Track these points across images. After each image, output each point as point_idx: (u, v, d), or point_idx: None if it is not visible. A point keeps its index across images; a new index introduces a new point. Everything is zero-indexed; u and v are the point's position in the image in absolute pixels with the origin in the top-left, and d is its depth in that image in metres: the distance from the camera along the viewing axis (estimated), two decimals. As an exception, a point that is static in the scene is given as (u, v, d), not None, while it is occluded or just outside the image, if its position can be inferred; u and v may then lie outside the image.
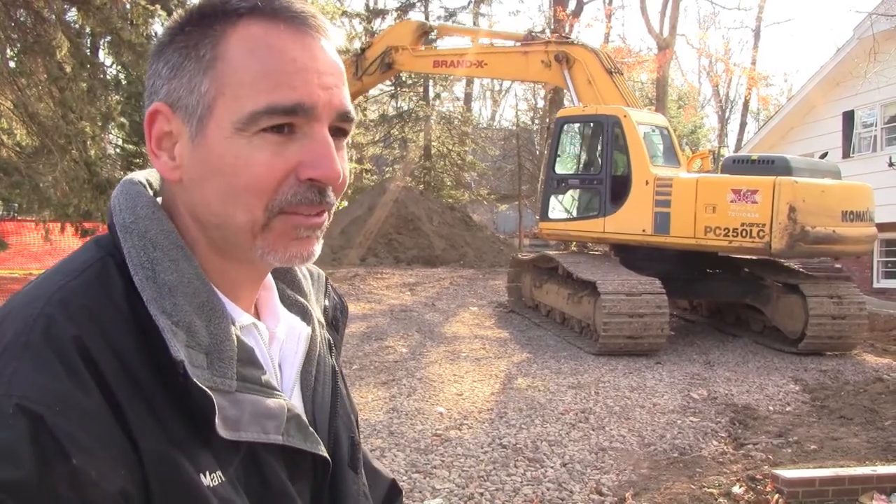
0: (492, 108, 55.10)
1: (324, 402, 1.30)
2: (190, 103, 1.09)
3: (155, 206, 1.13)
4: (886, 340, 13.33)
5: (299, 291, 1.37)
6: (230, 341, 1.08)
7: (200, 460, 1.02)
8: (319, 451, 1.19)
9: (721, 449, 7.41)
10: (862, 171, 19.19)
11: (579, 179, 14.10)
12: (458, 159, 35.15)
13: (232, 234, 1.12)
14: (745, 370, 10.66)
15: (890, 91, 19.22)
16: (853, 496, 5.83)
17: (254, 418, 1.08)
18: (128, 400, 0.98)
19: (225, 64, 1.08)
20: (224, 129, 1.08)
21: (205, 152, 1.09)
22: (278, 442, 1.12)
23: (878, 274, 20.91)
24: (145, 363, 1.02)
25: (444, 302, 16.29)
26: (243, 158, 1.07)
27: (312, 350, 1.30)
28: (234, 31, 1.09)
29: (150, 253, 1.08)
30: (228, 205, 1.10)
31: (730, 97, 50.22)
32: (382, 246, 23.54)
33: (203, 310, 1.08)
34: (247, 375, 1.09)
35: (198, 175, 1.11)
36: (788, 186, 11.01)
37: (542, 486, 6.28)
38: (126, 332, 1.02)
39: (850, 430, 7.85)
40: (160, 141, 1.13)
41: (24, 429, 0.90)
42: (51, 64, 13.40)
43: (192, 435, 1.03)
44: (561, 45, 15.03)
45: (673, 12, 33.23)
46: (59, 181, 13.54)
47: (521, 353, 11.51)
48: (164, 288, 1.06)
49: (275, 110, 1.07)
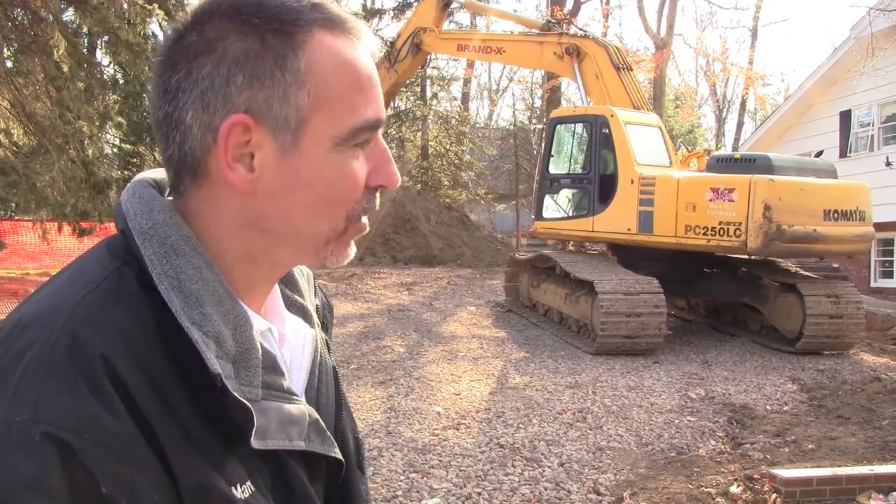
0: (489, 108, 55.20)
1: (328, 404, 1.29)
2: (282, 116, 1.06)
3: (171, 210, 1.09)
4: (884, 340, 13.35)
5: (297, 292, 1.35)
6: (256, 349, 1.07)
7: (233, 473, 1.01)
8: (335, 454, 1.20)
9: (719, 448, 7.41)
10: (859, 170, 19.19)
11: (570, 179, 14.23)
12: (456, 159, 35.14)
13: (305, 242, 1.13)
14: (743, 370, 10.67)
15: (887, 90, 19.24)
16: (851, 496, 5.84)
17: (279, 425, 1.08)
18: (159, 420, 0.95)
19: (320, 77, 1.07)
20: (322, 143, 1.07)
21: (297, 165, 1.08)
22: (301, 448, 1.12)
23: (875, 273, 20.92)
24: (175, 378, 0.99)
25: (441, 301, 16.29)
26: (339, 172, 1.09)
27: (315, 351, 1.30)
28: (312, 44, 1.07)
29: (173, 260, 1.04)
30: (316, 216, 1.10)
31: (727, 97, 50.37)
32: (380, 245, 23.54)
33: (229, 318, 1.05)
34: (270, 383, 1.08)
35: (281, 187, 1.09)
36: (764, 185, 10.99)
37: (539, 486, 6.28)
38: (153, 347, 0.99)
39: (848, 429, 7.86)
40: (238, 153, 1.07)
41: (54, 457, 0.86)
42: (48, 63, 13.40)
43: (224, 448, 1.01)
44: (573, 38, 15.11)
45: (670, 12, 33.28)
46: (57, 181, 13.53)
47: (519, 353, 11.51)
48: (192, 297, 1.02)
49: (370, 126, 1.10)
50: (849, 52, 20.21)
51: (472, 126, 41.36)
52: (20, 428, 0.87)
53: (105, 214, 14.83)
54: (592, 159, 13.45)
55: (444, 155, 34.83)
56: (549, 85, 34.03)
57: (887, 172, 19.59)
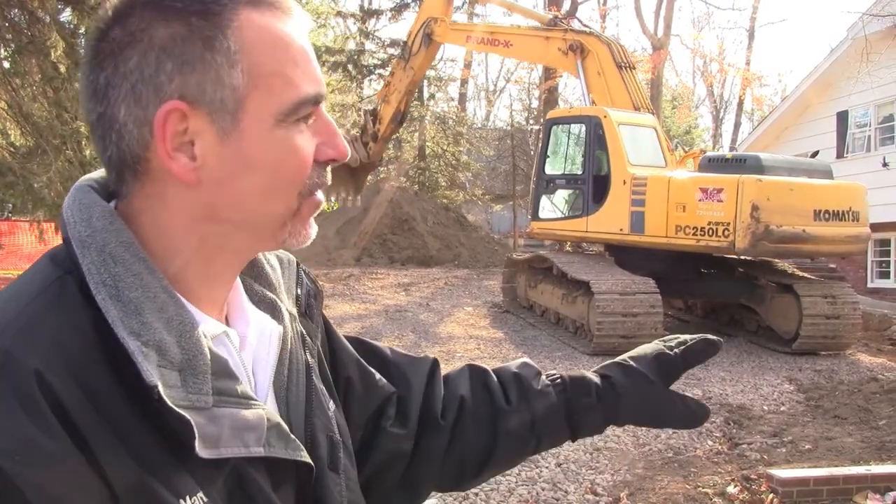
0: (486, 109, 55.11)
1: (298, 402, 1.23)
2: (218, 98, 1.03)
3: (112, 216, 1.05)
4: (880, 340, 13.36)
5: (267, 285, 1.29)
6: (203, 355, 1.01)
7: (179, 484, 0.96)
8: (301, 458, 1.14)
9: (716, 449, 7.42)
10: (856, 171, 19.22)
11: (566, 179, 14.28)
12: (453, 160, 35.13)
13: (261, 226, 1.10)
14: (740, 370, 10.68)
15: (884, 91, 19.29)
16: (847, 496, 5.85)
17: (233, 432, 1.02)
18: (97, 436, 0.91)
19: (253, 55, 1.04)
20: (263, 122, 1.05)
21: (240, 148, 1.05)
22: (260, 454, 1.06)
23: (872, 274, 20.96)
24: (115, 390, 0.95)
25: (438, 302, 16.28)
26: (286, 149, 1.06)
27: (284, 349, 1.24)
28: (241, 22, 1.04)
29: (111, 269, 1.00)
30: (268, 197, 1.07)
31: (724, 97, 50.34)
32: (377, 246, 23.53)
33: (172, 324, 1.01)
34: (223, 388, 1.03)
35: (228, 172, 1.05)
36: (752, 185, 10.99)
37: (536, 486, 6.29)
38: (93, 359, 0.95)
39: (845, 429, 7.87)
40: (176, 141, 1.03)
41: None
42: (45, 64, 13.37)
43: (171, 459, 0.97)
44: (578, 34, 15.09)
45: (667, 13, 33.31)
46: (54, 181, 13.50)
47: (516, 354, 11.50)
48: (130, 306, 0.98)
49: (311, 100, 1.07)
50: (845, 53, 20.25)
51: (470, 127, 41.35)
52: None
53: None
54: (587, 160, 13.47)
55: (441, 156, 34.82)
56: (546, 86, 34.04)
57: (884, 173, 19.62)
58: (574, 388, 1.60)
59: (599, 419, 1.59)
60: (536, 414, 1.56)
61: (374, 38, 35.44)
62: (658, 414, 1.61)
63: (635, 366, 1.63)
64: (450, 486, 1.64)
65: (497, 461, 1.58)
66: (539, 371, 1.65)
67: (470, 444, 1.55)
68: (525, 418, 1.55)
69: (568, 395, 1.59)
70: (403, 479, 1.51)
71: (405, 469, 1.50)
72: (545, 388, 1.60)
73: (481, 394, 1.59)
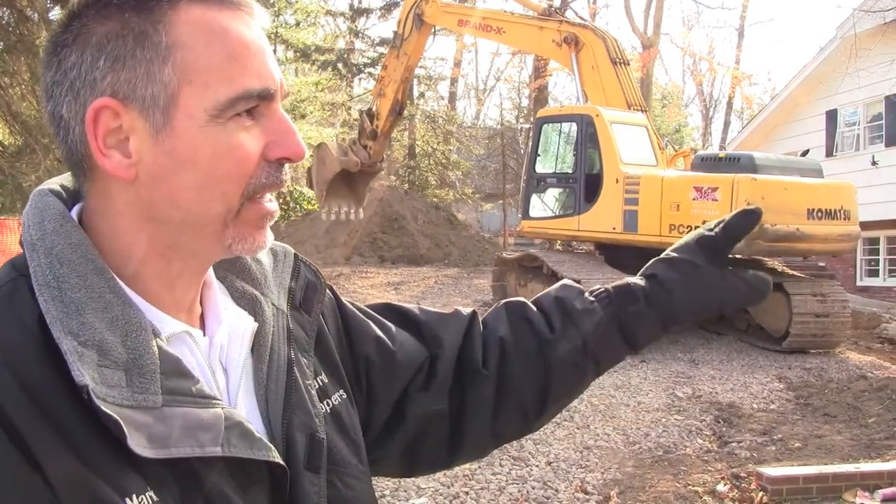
0: (476, 108, 55.08)
1: (276, 400, 1.20)
2: (149, 94, 1.02)
3: (64, 219, 1.05)
4: (870, 338, 13.41)
5: (249, 280, 1.27)
6: (150, 354, 1.00)
7: (124, 483, 0.94)
8: (270, 458, 1.10)
9: (706, 447, 7.43)
10: (845, 169, 19.28)
11: (557, 178, 14.26)
12: (443, 158, 35.15)
13: (201, 226, 1.07)
14: (730, 368, 10.70)
15: (872, 90, 19.33)
16: (837, 493, 5.86)
17: (185, 432, 1.00)
18: (36, 433, 0.90)
19: (185, 50, 1.03)
20: (196, 117, 1.03)
21: (173, 144, 1.03)
22: (217, 454, 1.03)
23: (861, 272, 21.03)
24: (57, 389, 0.94)
25: (429, 301, 16.27)
26: (222, 146, 1.04)
27: (263, 346, 1.21)
28: (179, 16, 1.04)
29: (56, 270, 1.00)
30: (204, 196, 1.05)
31: (714, 96, 50.39)
32: (367, 245, 23.51)
33: (117, 324, 1.00)
34: (174, 388, 1.01)
35: (162, 170, 1.04)
36: (747, 183, 11.06)
37: (527, 485, 6.29)
38: (34, 357, 0.95)
39: (834, 427, 7.89)
40: (107, 139, 1.03)
41: None
42: (34, 63, 13.34)
43: (116, 458, 0.95)
44: (573, 26, 14.96)
45: (657, 11, 33.38)
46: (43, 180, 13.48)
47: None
48: (72, 306, 0.98)
49: (250, 95, 1.04)
50: (834, 51, 20.31)
51: (460, 125, 41.36)
52: None
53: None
54: (579, 158, 13.49)
55: (431, 154, 34.84)
56: (535, 84, 34.08)
57: (873, 171, 19.69)
58: (620, 298, 1.52)
59: (655, 323, 1.52)
60: (587, 334, 1.50)
61: (364, 36, 35.47)
62: (715, 298, 1.51)
63: (678, 256, 1.55)
64: (518, 430, 1.59)
65: (557, 394, 1.54)
66: (581, 290, 1.57)
67: (522, 385, 1.50)
68: (575, 342, 1.50)
69: (615, 306, 1.52)
70: (452, 435, 1.49)
71: (452, 426, 1.48)
72: (590, 306, 1.52)
73: (522, 328, 1.54)
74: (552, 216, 14.13)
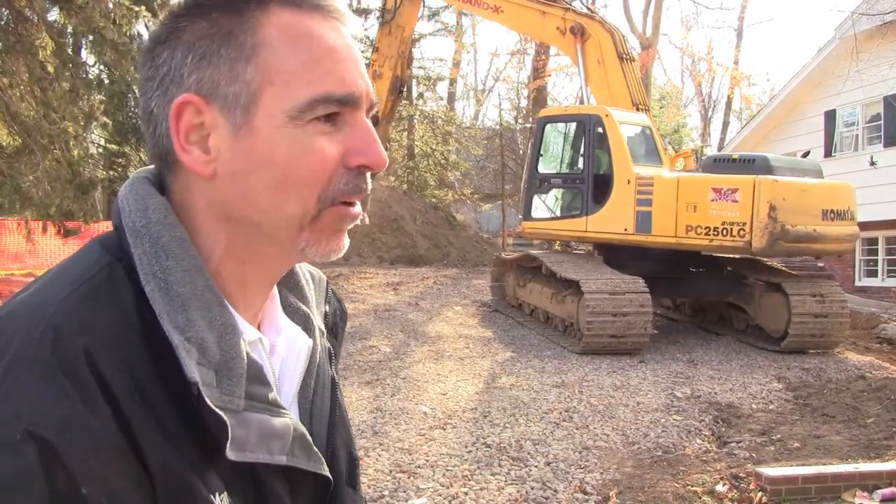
0: (475, 108, 55.06)
1: (322, 415, 1.25)
2: (231, 92, 1.05)
3: (167, 210, 1.07)
4: (868, 338, 13.41)
5: (301, 298, 1.31)
6: (241, 358, 1.03)
7: (212, 481, 0.99)
8: (322, 471, 1.15)
9: (705, 447, 7.43)
10: (844, 170, 19.28)
11: (562, 179, 14.06)
12: (442, 159, 35.12)
13: (276, 228, 1.08)
14: (729, 369, 10.70)
15: (871, 90, 19.32)
16: (836, 493, 5.87)
17: (260, 438, 1.04)
18: (140, 421, 0.93)
19: (270, 51, 1.05)
20: (275, 118, 1.04)
21: (251, 143, 1.05)
22: (282, 463, 1.07)
23: (859, 272, 21.03)
24: (156, 380, 0.97)
25: (427, 301, 16.27)
26: (299, 148, 1.04)
27: (312, 361, 1.25)
28: (267, 19, 1.06)
29: (163, 262, 1.02)
30: (279, 197, 1.05)
31: (712, 96, 50.43)
32: (366, 245, 23.50)
33: (214, 325, 1.02)
34: (255, 393, 1.04)
35: (240, 168, 1.05)
36: (769, 185, 11.08)
37: (526, 486, 6.29)
38: (137, 346, 0.97)
39: (833, 427, 7.89)
40: (189, 134, 1.06)
41: (34, 456, 0.85)
42: (33, 63, 13.35)
43: (202, 455, 0.99)
44: (580, 16, 14.48)
45: (656, 12, 33.35)
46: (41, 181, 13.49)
47: (505, 353, 11.51)
48: (177, 301, 1.00)
49: (330, 99, 1.05)
50: (833, 52, 20.33)
51: (458, 126, 41.31)
52: (2, 426, 0.86)
53: (90, 215, 14.79)
54: (586, 159, 13.25)
55: (430, 155, 34.81)
56: (534, 85, 34.10)
57: (872, 172, 19.69)
58: None
59: None
60: None
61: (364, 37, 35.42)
62: None
63: None
64: None
65: None
66: None
67: None
68: None
69: None
70: None
71: None
72: None
73: None
74: (556, 217, 13.92)
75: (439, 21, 37.08)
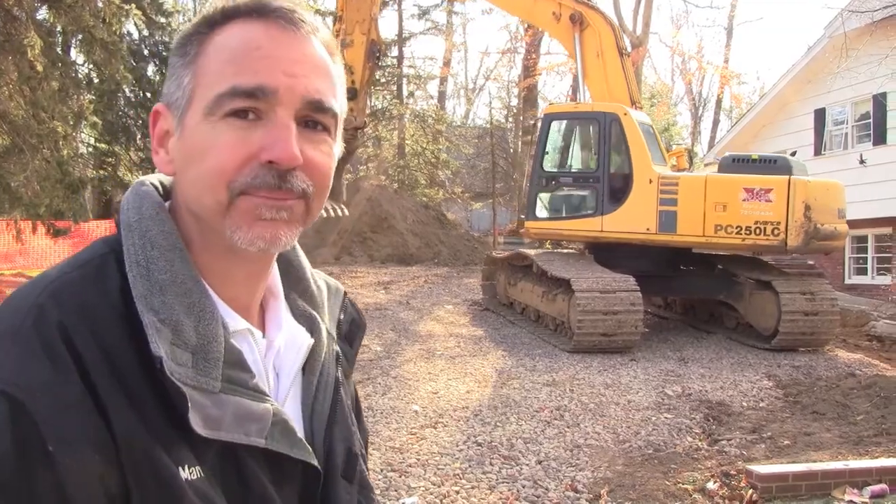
0: (465, 107, 55.08)
1: (322, 412, 1.31)
2: (177, 98, 1.16)
3: (159, 208, 1.17)
4: (858, 336, 13.46)
5: (310, 302, 1.39)
6: (217, 343, 1.11)
7: (180, 453, 1.04)
8: (307, 459, 1.21)
9: (695, 445, 7.44)
10: (833, 168, 19.32)
11: (572, 177, 13.62)
12: (432, 157, 35.10)
13: (206, 216, 1.15)
14: (719, 366, 10.72)
15: (860, 89, 19.37)
16: (826, 490, 5.88)
17: (236, 420, 1.10)
18: (108, 390, 1.00)
19: (204, 58, 1.14)
20: (196, 116, 1.13)
21: (183, 141, 1.15)
22: (260, 445, 1.13)
23: (849, 270, 21.08)
24: (132, 357, 1.05)
25: (418, 300, 16.28)
26: (209, 142, 1.11)
27: (315, 361, 1.33)
28: (221, 31, 1.15)
29: (148, 251, 1.12)
30: (199, 188, 1.13)
31: (703, 95, 50.48)
32: (357, 244, 23.49)
33: (193, 310, 1.10)
34: (233, 377, 1.11)
35: (180, 165, 1.16)
36: (802, 185, 11.44)
37: (517, 484, 6.29)
38: (115, 325, 1.06)
39: (823, 425, 7.91)
40: (161, 139, 1.19)
41: (6, 413, 0.95)
42: (22, 63, 13.28)
43: (173, 429, 1.05)
44: (579, 4, 13.94)
45: (646, 10, 33.34)
46: (31, 180, 13.43)
47: (496, 351, 11.52)
48: (156, 286, 1.09)
49: (236, 92, 1.10)
50: (823, 51, 20.34)
51: (449, 125, 41.34)
52: None
53: (79, 214, 14.73)
54: (601, 158, 12.92)
55: (420, 154, 34.78)
56: (525, 83, 34.10)
57: (861, 170, 19.73)
58: None
59: None
60: None
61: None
62: None
63: None
64: None
65: None
66: None
67: None
68: None
69: None
70: None
71: None
72: None
73: None
74: (566, 217, 13.43)
75: (429, 20, 37.09)
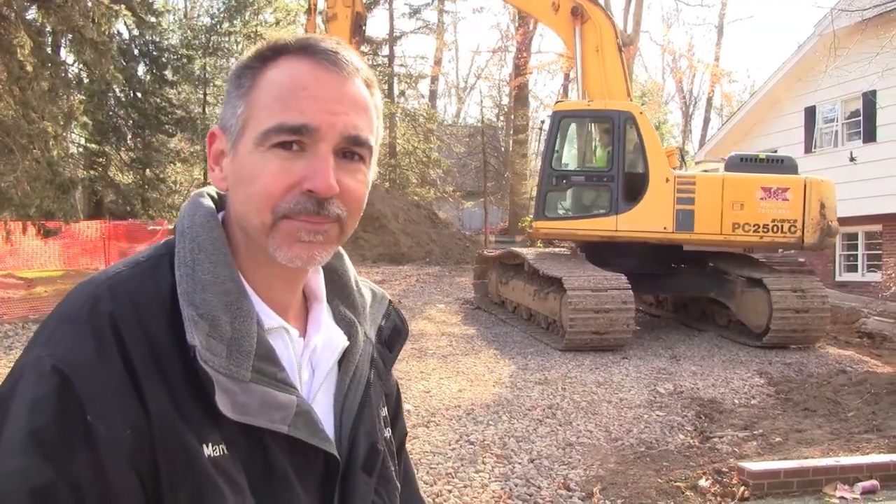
0: (457, 106, 55.23)
1: (352, 408, 1.43)
2: (232, 124, 1.30)
3: (211, 217, 1.33)
4: (849, 333, 13.49)
5: (351, 308, 1.52)
6: (250, 337, 1.24)
7: (205, 433, 1.18)
8: (327, 448, 1.32)
9: (687, 442, 7.46)
10: (824, 165, 19.37)
11: (584, 176, 13.36)
12: (424, 157, 35.14)
13: (253, 234, 1.29)
14: (711, 364, 10.74)
15: (850, 87, 19.39)
16: (817, 487, 5.90)
17: (262, 407, 1.22)
18: (146, 373, 1.15)
19: (257, 91, 1.28)
20: (248, 144, 1.27)
21: (235, 164, 1.29)
22: (283, 431, 1.25)
23: (840, 267, 21.12)
24: (172, 346, 1.19)
25: (410, 299, 16.27)
26: (257, 169, 1.25)
27: (350, 361, 1.45)
28: (273, 66, 1.29)
29: (195, 254, 1.27)
30: (247, 208, 1.28)
31: (693, 93, 50.57)
32: (348, 244, 23.05)
33: (230, 308, 1.24)
34: (262, 369, 1.23)
35: (232, 184, 1.31)
36: (818, 185, 11.82)
37: (510, 483, 6.29)
38: (160, 318, 1.21)
39: (814, 421, 7.93)
40: (217, 158, 1.34)
41: (55, 386, 1.11)
42: (12, 63, 13.25)
43: (202, 411, 1.18)
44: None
45: (637, 8, 33.44)
46: (21, 181, 13.40)
47: (488, 350, 11.52)
48: (199, 284, 1.24)
49: (282, 128, 1.24)
50: (813, 49, 20.36)
51: (440, 124, 41.34)
52: (40, 361, 1.14)
53: (70, 215, 14.69)
54: (614, 156, 12.78)
55: (412, 153, 34.82)
56: (516, 82, 34.08)
57: (851, 168, 19.77)
58: None
59: None
60: None
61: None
62: None
63: None
64: None
65: None
66: None
67: None
68: None
69: None
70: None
71: None
72: None
73: None
74: (578, 216, 13.13)
75: (420, 19, 37.12)
